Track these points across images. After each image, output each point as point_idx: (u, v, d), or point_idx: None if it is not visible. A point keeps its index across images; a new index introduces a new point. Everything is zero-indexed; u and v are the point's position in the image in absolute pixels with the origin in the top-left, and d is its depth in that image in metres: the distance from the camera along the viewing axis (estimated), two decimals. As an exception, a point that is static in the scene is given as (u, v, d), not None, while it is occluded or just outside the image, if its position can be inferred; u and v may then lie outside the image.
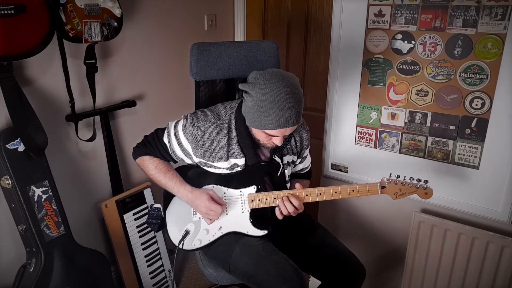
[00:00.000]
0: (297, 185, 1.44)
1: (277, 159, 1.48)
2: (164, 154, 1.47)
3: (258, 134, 1.37)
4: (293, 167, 1.62)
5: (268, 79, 1.28)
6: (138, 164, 1.52)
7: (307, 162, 1.69)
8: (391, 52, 1.70)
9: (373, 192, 1.42)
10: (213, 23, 2.44)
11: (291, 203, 1.41)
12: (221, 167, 1.44)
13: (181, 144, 1.43)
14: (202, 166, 1.48)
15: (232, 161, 1.44)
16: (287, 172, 1.53)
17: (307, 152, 1.64)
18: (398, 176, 1.42)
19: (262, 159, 1.49)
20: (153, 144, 1.47)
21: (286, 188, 1.52)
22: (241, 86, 1.35)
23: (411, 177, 1.40)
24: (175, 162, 1.52)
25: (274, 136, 1.34)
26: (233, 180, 1.47)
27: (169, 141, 1.45)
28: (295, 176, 1.67)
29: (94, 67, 1.78)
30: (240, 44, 1.68)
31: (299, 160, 1.61)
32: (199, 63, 1.56)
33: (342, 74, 1.86)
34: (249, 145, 1.42)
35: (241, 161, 1.44)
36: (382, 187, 1.42)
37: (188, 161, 1.49)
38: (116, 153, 2.03)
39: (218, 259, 1.50)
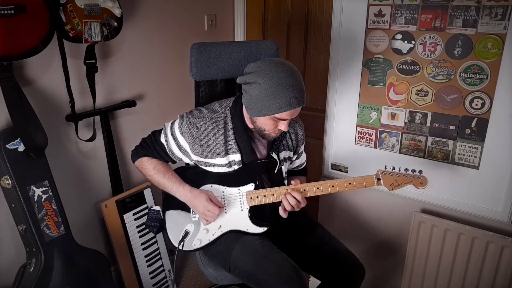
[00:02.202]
0: (293, 181, 1.45)
1: (274, 155, 1.48)
2: (162, 155, 1.48)
3: (266, 122, 1.37)
4: (290, 163, 1.63)
5: (271, 64, 1.31)
6: (137, 166, 1.53)
7: (303, 158, 1.70)
8: (391, 52, 1.70)
9: (369, 184, 1.43)
10: (213, 23, 2.44)
11: (294, 197, 1.41)
12: (219, 163, 1.45)
13: (179, 142, 1.44)
14: (200, 166, 1.48)
15: (231, 157, 1.44)
16: (284, 168, 1.54)
17: (302, 148, 1.64)
18: (393, 168, 1.43)
19: (258, 156, 1.49)
20: (151, 145, 1.48)
21: (283, 185, 1.52)
22: (240, 79, 1.37)
23: (406, 168, 1.41)
24: (174, 162, 1.52)
25: (284, 120, 1.35)
26: (231, 179, 1.47)
27: (166, 140, 1.46)
28: (292, 172, 1.68)
29: (94, 67, 1.78)
30: (240, 44, 1.68)
31: (295, 156, 1.62)
32: (199, 63, 1.56)
33: (342, 74, 1.86)
34: (245, 140, 1.43)
35: (237, 157, 1.44)
36: (378, 179, 1.43)
37: (186, 160, 1.49)
38: (116, 153, 2.03)
39: (218, 258, 1.50)
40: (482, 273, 1.69)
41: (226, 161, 1.44)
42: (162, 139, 1.47)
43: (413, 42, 1.64)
